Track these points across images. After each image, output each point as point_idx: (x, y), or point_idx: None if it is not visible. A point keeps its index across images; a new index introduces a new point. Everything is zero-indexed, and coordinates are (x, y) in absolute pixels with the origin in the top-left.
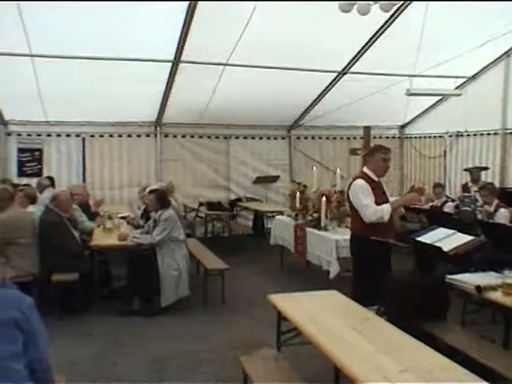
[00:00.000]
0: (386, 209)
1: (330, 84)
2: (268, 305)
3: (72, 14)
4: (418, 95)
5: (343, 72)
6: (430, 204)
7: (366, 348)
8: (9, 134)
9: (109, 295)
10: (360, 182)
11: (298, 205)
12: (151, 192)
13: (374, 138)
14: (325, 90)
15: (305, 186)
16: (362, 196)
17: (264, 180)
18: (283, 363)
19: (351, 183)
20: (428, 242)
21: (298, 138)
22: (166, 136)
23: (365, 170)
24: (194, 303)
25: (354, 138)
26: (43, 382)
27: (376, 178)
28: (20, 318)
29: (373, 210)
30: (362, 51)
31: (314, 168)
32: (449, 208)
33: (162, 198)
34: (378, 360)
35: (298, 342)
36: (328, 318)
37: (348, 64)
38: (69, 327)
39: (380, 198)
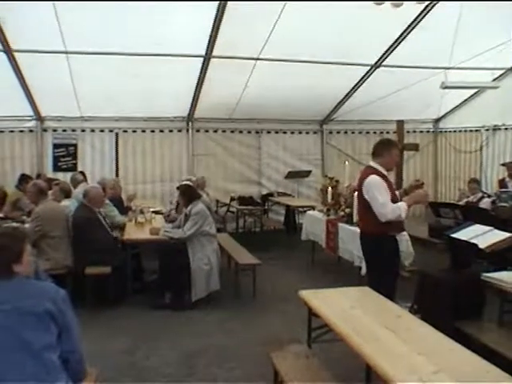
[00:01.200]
0: (402, 207)
1: (363, 77)
2: (299, 301)
3: (105, 11)
4: (453, 88)
5: (376, 65)
6: (466, 200)
7: (399, 347)
8: (45, 130)
9: (140, 289)
10: (375, 178)
11: (329, 200)
12: (178, 188)
13: (408, 132)
14: (357, 83)
15: (337, 181)
16: (378, 194)
17: (296, 175)
18: (314, 360)
19: (363, 179)
20: (464, 238)
21: (331, 132)
22: (198, 131)
23: (373, 164)
24: (224, 298)
25: (387, 132)
26: (76, 372)
27: (386, 173)
28: (54, 310)
29: (390, 209)
30: (396, 44)
31: (347, 163)
32: (485, 204)
33: (187, 192)
34: (412, 360)
35: (329, 338)
36: (360, 315)
37: (381, 57)
38: (101, 320)
39: (392, 193)
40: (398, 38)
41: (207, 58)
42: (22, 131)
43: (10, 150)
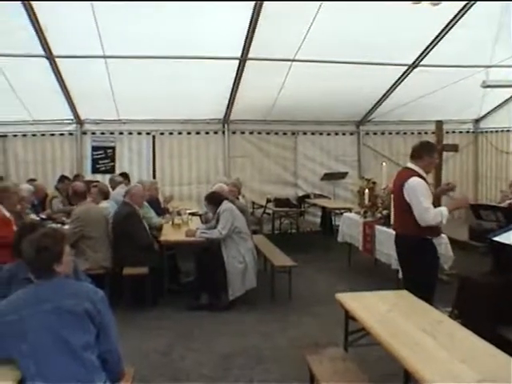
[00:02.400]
0: (444, 212)
1: (401, 78)
2: (335, 303)
3: (142, 15)
4: (494, 87)
5: (414, 65)
6: (508, 202)
7: (440, 353)
8: (84, 133)
9: (177, 290)
10: (419, 181)
11: (366, 202)
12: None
13: (447, 132)
14: (395, 83)
15: (374, 183)
16: (422, 198)
17: (332, 176)
18: (351, 364)
19: (404, 181)
20: (507, 242)
21: (367, 133)
22: (234, 133)
23: (413, 166)
24: (260, 300)
25: (426, 133)
26: (114, 372)
27: (425, 175)
28: (92, 310)
29: (433, 215)
30: (434, 43)
31: (384, 164)
32: None
33: (212, 199)
34: (453, 367)
35: (366, 342)
36: (398, 319)
37: (419, 57)
38: (138, 320)
39: (431, 197)
40: (436, 37)
41: (243, 60)
42: (62, 134)
43: (51, 152)
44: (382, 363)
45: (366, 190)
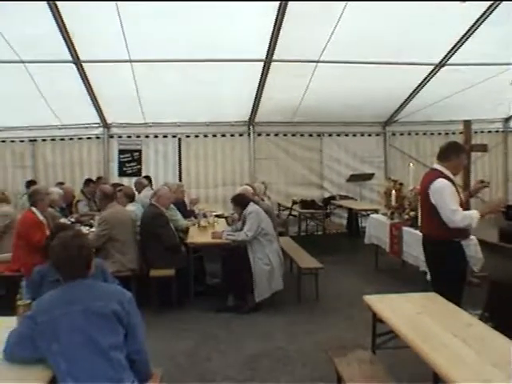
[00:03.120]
0: (475, 216)
1: (427, 77)
2: (362, 305)
3: (167, 19)
4: None
5: (441, 64)
6: None
7: (470, 356)
8: (111, 136)
9: (203, 292)
10: (445, 182)
11: (393, 203)
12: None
13: (475, 132)
14: (421, 83)
15: (401, 184)
16: (449, 200)
17: (358, 178)
18: (379, 367)
19: (430, 183)
20: None
21: (394, 134)
22: (259, 135)
23: (440, 167)
24: (287, 302)
25: (453, 133)
26: (142, 373)
27: (453, 177)
28: (121, 312)
29: (461, 217)
30: (462, 41)
31: (411, 165)
32: None
33: (239, 200)
34: (484, 370)
35: (394, 345)
36: (427, 321)
37: (446, 55)
38: (165, 322)
39: (460, 199)
40: (463, 35)
41: (268, 61)
42: (89, 138)
43: (79, 156)
44: (410, 366)
45: (393, 192)
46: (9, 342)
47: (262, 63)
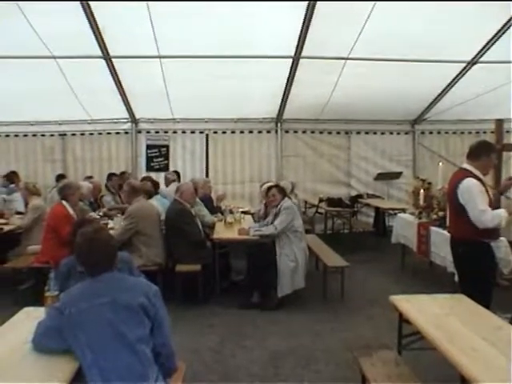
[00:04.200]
0: (503, 215)
1: (459, 75)
2: (388, 305)
3: (196, 15)
4: None
5: (473, 62)
6: None
7: (499, 360)
8: (139, 132)
9: (228, 288)
10: (474, 182)
11: (421, 202)
12: (272, 187)
13: (507, 132)
14: (452, 81)
15: (429, 183)
16: (478, 200)
17: (386, 176)
18: (404, 368)
19: (458, 182)
20: None
21: (423, 132)
22: (287, 132)
23: (469, 167)
24: (312, 299)
25: (484, 132)
26: (167, 366)
27: (482, 177)
28: (147, 305)
29: (490, 217)
30: (495, 38)
31: (440, 164)
32: None
33: (282, 191)
34: None
35: (420, 346)
36: (455, 323)
37: (478, 53)
38: (190, 317)
39: (489, 199)
40: (497, 32)
41: (296, 58)
42: (118, 133)
43: (107, 151)
44: (436, 368)
45: (421, 191)
46: (37, 332)
47: (290, 60)
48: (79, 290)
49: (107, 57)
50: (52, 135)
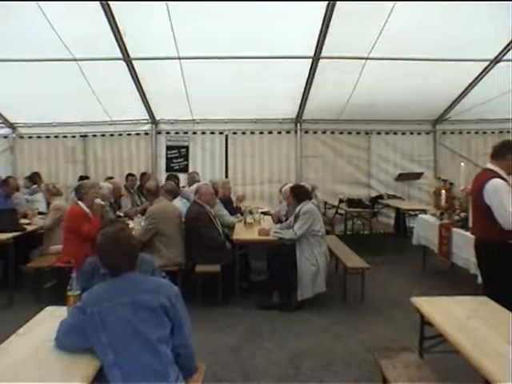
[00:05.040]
0: None
1: (481, 74)
2: (409, 307)
3: (216, 16)
4: None
5: (496, 60)
6: None
7: None
8: (159, 133)
9: (248, 288)
10: (501, 182)
11: (443, 203)
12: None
13: None
14: (474, 80)
15: (451, 184)
16: (505, 201)
17: (407, 177)
18: (426, 371)
19: (483, 183)
20: None
21: (444, 132)
22: (307, 132)
23: (493, 167)
24: (332, 301)
25: (508, 131)
26: (187, 367)
27: (507, 177)
28: (168, 305)
29: None
30: None
31: (462, 164)
32: None
33: (298, 192)
34: None
35: (442, 349)
36: (479, 327)
37: (502, 51)
38: (210, 317)
39: None
40: None
41: (316, 58)
42: (138, 134)
43: (128, 151)
44: (459, 372)
45: (443, 192)
46: (59, 330)
47: (310, 60)
48: (101, 290)
49: (127, 58)
50: (73, 136)
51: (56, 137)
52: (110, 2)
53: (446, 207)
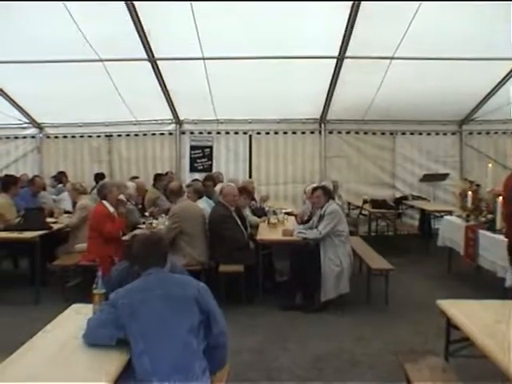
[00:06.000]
0: None
1: (509, 73)
2: (434, 310)
3: (239, 17)
4: None
5: None
6: None
7: None
8: (183, 133)
9: (271, 289)
10: None
11: (469, 205)
12: (317, 188)
13: None
14: (502, 79)
15: (478, 185)
16: None
17: (432, 178)
18: (452, 375)
19: None
20: None
21: (470, 133)
22: (331, 132)
23: None
24: (355, 302)
25: None
26: (222, 357)
27: None
28: (198, 296)
29: None
30: None
31: (490, 165)
32: None
33: (327, 192)
34: None
35: (468, 353)
36: (507, 332)
37: None
38: (233, 317)
39: None
40: None
41: (340, 58)
42: (162, 134)
43: (152, 151)
44: (486, 377)
45: (469, 193)
46: (90, 326)
47: (334, 60)
48: (131, 286)
49: (152, 59)
50: (99, 136)
51: (81, 137)
52: (135, 3)
53: (472, 209)
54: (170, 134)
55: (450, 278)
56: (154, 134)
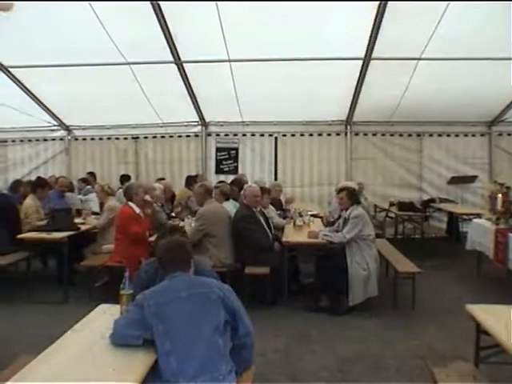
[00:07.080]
0: None
1: None
2: (462, 314)
3: (265, 19)
4: None
5: None
6: None
7: None
8: (209, 135)
9: (297, 291)
10: None
11: (499, 208)
12: (342, 190)
13: None
14: None
15: (508, 188)
16: None
17: (460, 180)
18: (482, 382)
19: None
20: None
21: (500, 134)
22: (357, 134)
23: None
24: (382, 306)
25: None
26: (248, 357)
27: None
28: (223, 296)
29: None
30: None
31: None
32: None
33: (352, 195)
34: None
35: (500, 360)
36: None
37: None
38: (258, 319)
39: None
40: None
41: (367, 60)
42: (188, 136)
43: (178, 153)
44: None
45: (499, 195)
46: (117, 326)
47: (360, 61)
48: (157, 288)
49: (178, 62)
50: (125, 138)
51: (109, 139)
52: (162, 7)
53: (502, 212)
54: (196, 135)
55: (479, 283)
56: (180, 136)
